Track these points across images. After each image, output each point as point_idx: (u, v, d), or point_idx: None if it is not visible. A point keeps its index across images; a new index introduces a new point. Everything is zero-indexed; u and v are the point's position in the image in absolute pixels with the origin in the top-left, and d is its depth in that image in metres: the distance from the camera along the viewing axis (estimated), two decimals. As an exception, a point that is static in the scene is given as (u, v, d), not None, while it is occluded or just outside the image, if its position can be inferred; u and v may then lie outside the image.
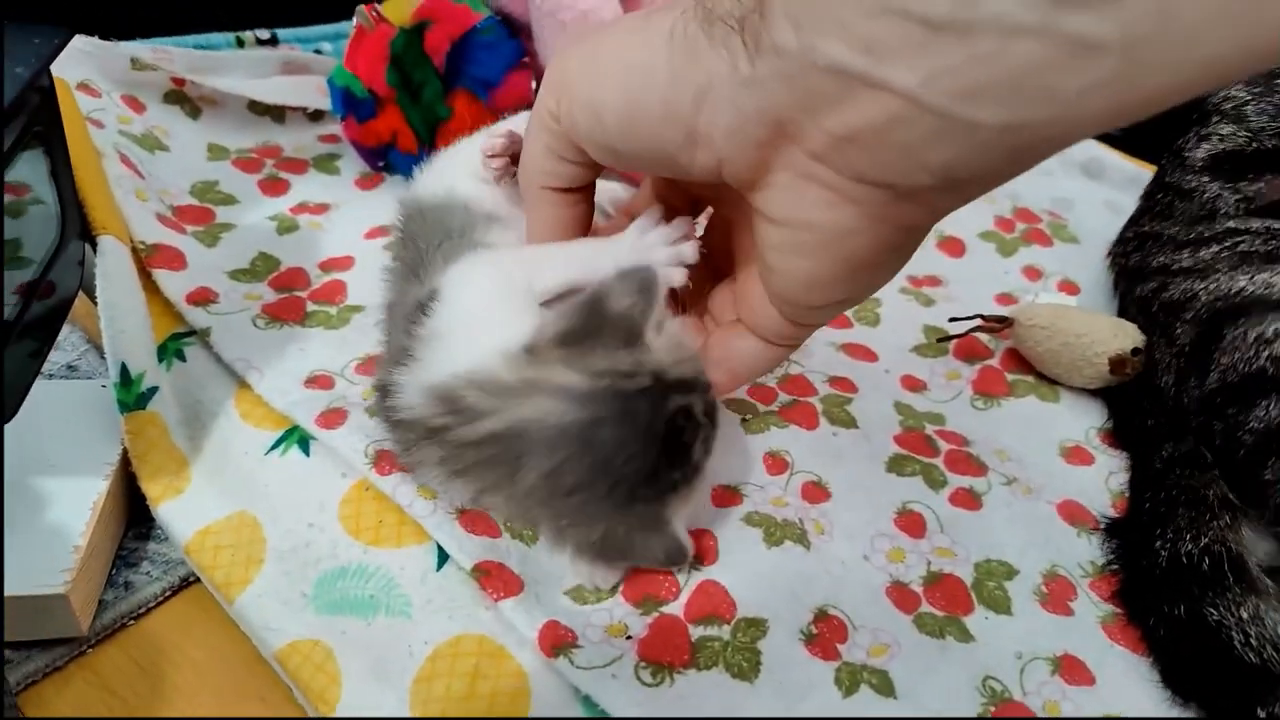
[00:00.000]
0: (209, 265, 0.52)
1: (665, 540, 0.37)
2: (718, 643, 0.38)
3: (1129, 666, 0.41)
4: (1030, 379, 0.57)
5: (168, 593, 0.40)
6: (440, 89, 0.62)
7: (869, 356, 0.57)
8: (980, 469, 0.49)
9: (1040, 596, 0.43)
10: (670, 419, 0.35)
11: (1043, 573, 0.44)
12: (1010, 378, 0.57)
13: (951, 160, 0.27)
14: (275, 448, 0.44)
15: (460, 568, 0.39)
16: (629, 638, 0.38)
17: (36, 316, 0.36)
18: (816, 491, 0.46)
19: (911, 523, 0.45)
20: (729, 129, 0.30)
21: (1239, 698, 0.38)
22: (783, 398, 0.52)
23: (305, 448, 0.44)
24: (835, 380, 0.54)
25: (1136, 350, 0.53)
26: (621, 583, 0.40)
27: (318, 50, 0.73)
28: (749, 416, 0.50)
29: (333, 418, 0.43)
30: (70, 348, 0.50)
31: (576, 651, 0.37)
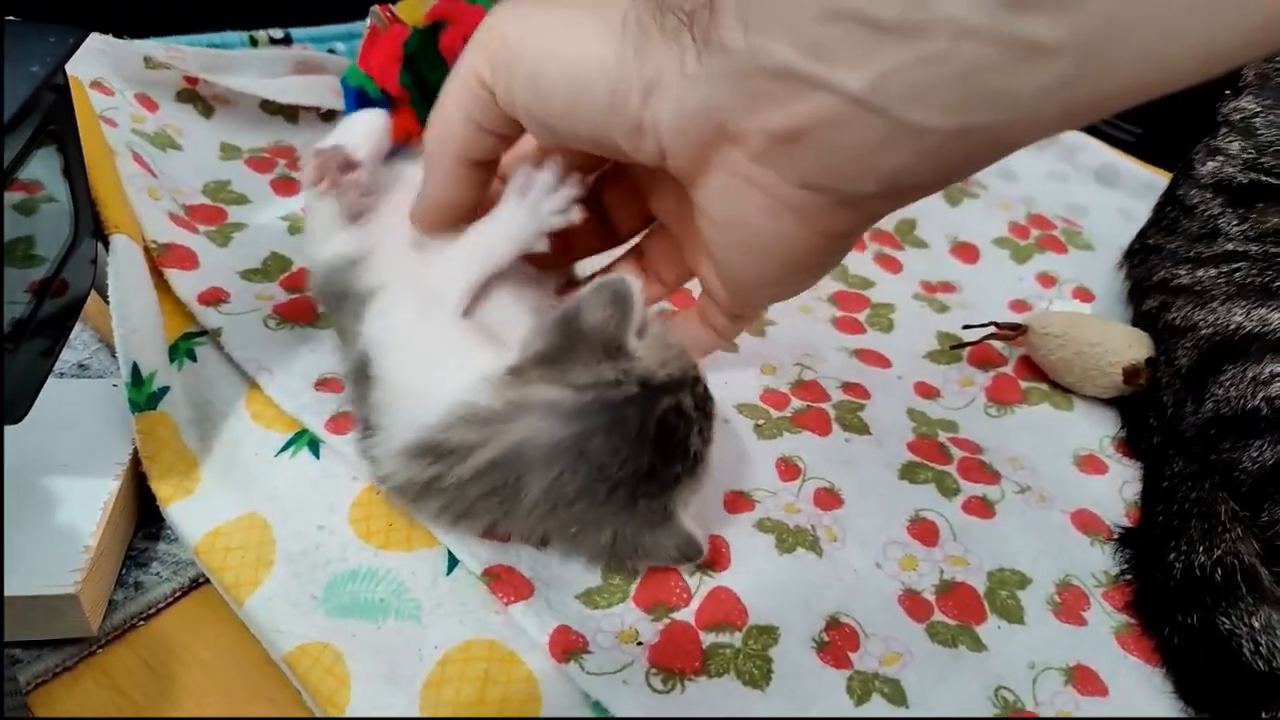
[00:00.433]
0: (221, 265, 0.52)
1: (676, 536, 0.37)
2: (729, 650, 0.38)
3: (1142, 678, 0.41)
4: (1044, 387, 0.56)
5: (178, 593, 0.40)
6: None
7: (882, 363, 0.57)
8: (993, 477, 0.49)
9: (1053, 606, 0.43)
10: (660, 420, 0.35)
11: (1056, 582, 0.44)
12: (1024, 385, 0.56)
13: (900, 167, 0.27)
14: (285, 449, 0.44)
15: (470, 572, 0.39)
16: (640, 644, 0.37)
17: (49, 315, 0.36)
18: (829, 498, 0.46)
19: (924, 530, 0.45)
20: (673, 125, 0.30)
21: (1245, 705, 0.39)
22: (795, 403, 0.51)
23: (315, 450, 0.44)
24: (848, 386, 0.54)
25: (1151, 360, 0.53)
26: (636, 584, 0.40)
27: (331, 50, 0.73)
28: (761, 422, 0.50)
29: (343, 422, 0.43)
30: (81, 346, 0.50)
31: (587, 657, 0.36)
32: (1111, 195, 0.75)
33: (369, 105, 0.61)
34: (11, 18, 0.35)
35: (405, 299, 0.39)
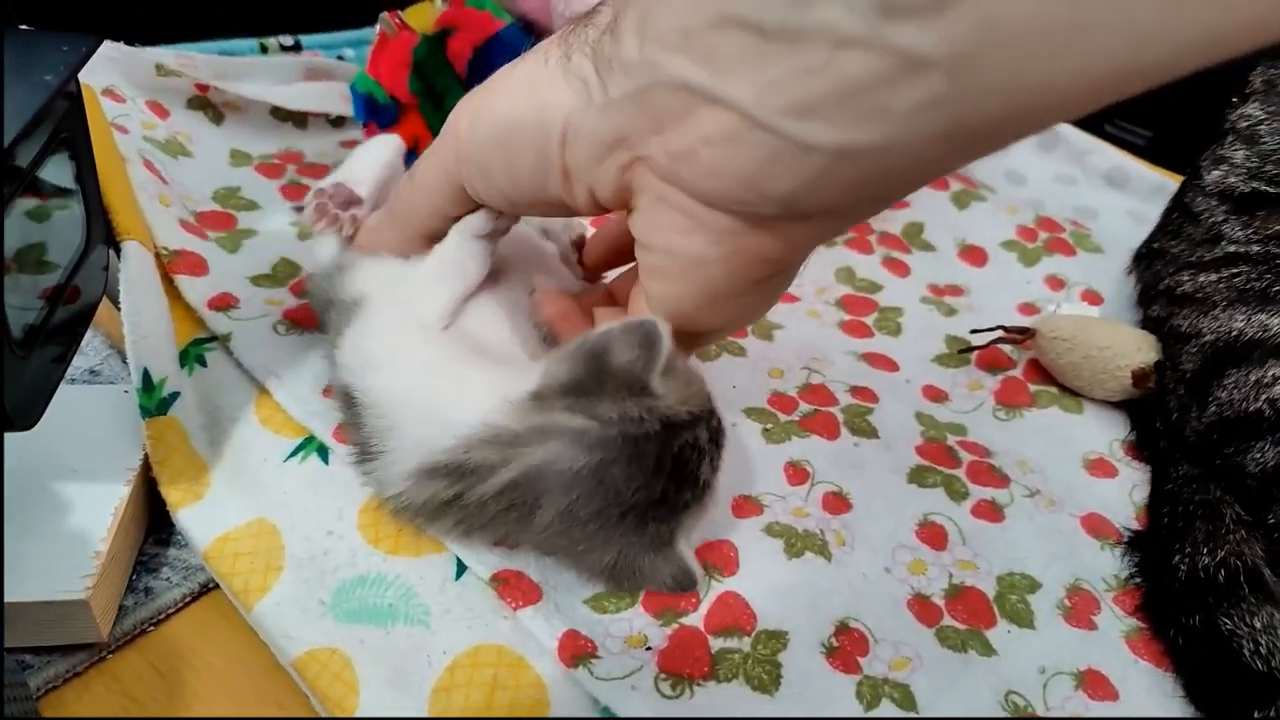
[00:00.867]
0: (231, 271, 0.53)
1: (674, 564, 0.38)
2: (738, 655, 0.38)
3: (1153, 682, 0.40)
4: (1053, 390, 0.56)
5: (188, 599, 0.40)
6: (462, 95, 0.62)
7: (890, 366, 0.56)
8: (1002, 480, 0.49)
9: (1063, 610, 0.43)
10: (677, 454, 0.35)
11: (1066, 586, 0.44)
12: (1033, 388, 0.56)
13: (793, 188, 0.27)
14: (294, 455, 0.44)
15: (479, 577, 0.39)
16: (649, 649, 0.37)
17: (61, 321, 0.37)
18: (837, 502, 0.46)
19: (933, 534, 0.45)
20: (589, 158, 0.31)
21: (1241, 704, 0.39)
22: (804, 407, 0.51)
23: (324, 456, 0.44)
24: (856, 390, 0.53)
25: (1159, 363, 0.53)
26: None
27: (340, 57, 0.73)
28: (769, 426, 0.50)
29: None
30: (93, 352, 0.50)
31: (596, 662, 0.36)
32: (1121, 198, 0.74)
33: (378, 111, 0.62)
34: (25, 26, 0.36)
35: (387, 319, 0.40)
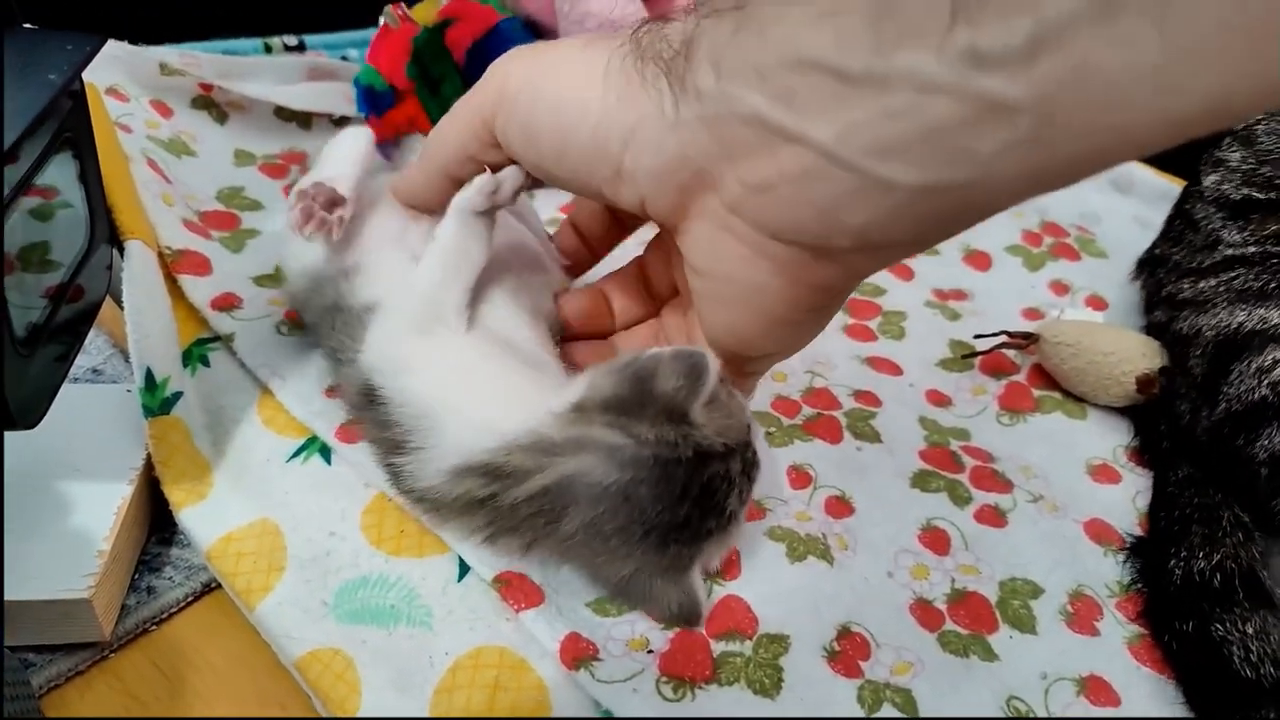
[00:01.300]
0: (234, 271, 0.52)
1: (682, 593, 0.37)
2: (739, 658, 0.38)
3: (1155, 688, 0.40)
4: (1057, 395, 0.56)
5: (190, 598, 0.40)
6: (460, 85, 0.62)
7: (894, 370, 0.56)
8: (1006, 486, 0.49)
9: (1066, 616, 0.43)
10: (706, 483, 0.35)
11: (1068, 592, 0.44)
12: (1037, 394, 0.56)
13: (869, 223, 0.27)
14: (297, 455, 0.44)
15: (481, 579, 0.39)
16: (650, 652, 0.37)
17: (64, 320, 0.37)
18: (840, 506, 0.46)
19: (936, 539, 0.45)
20: (651, 170, 0.31)
21: (1228, 710, 0.39)
22: (807, 411, 0.51)
23: (327, 456, 0.44)
24: (860, 394, 0.53)
25: (1164, 369, 0.53)
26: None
27: (344, 57, 0.73)
28: (773, 430, 0.50)
29: (353, 431, 0.43)
30: (95, 352, 0.50)
31: (597, 665, 0.36)
32: (1126, 203, 0.74)
33: (377, 101, 0.62)
34: (29, 25, 0.36)
35: (407, 321, 0.39)
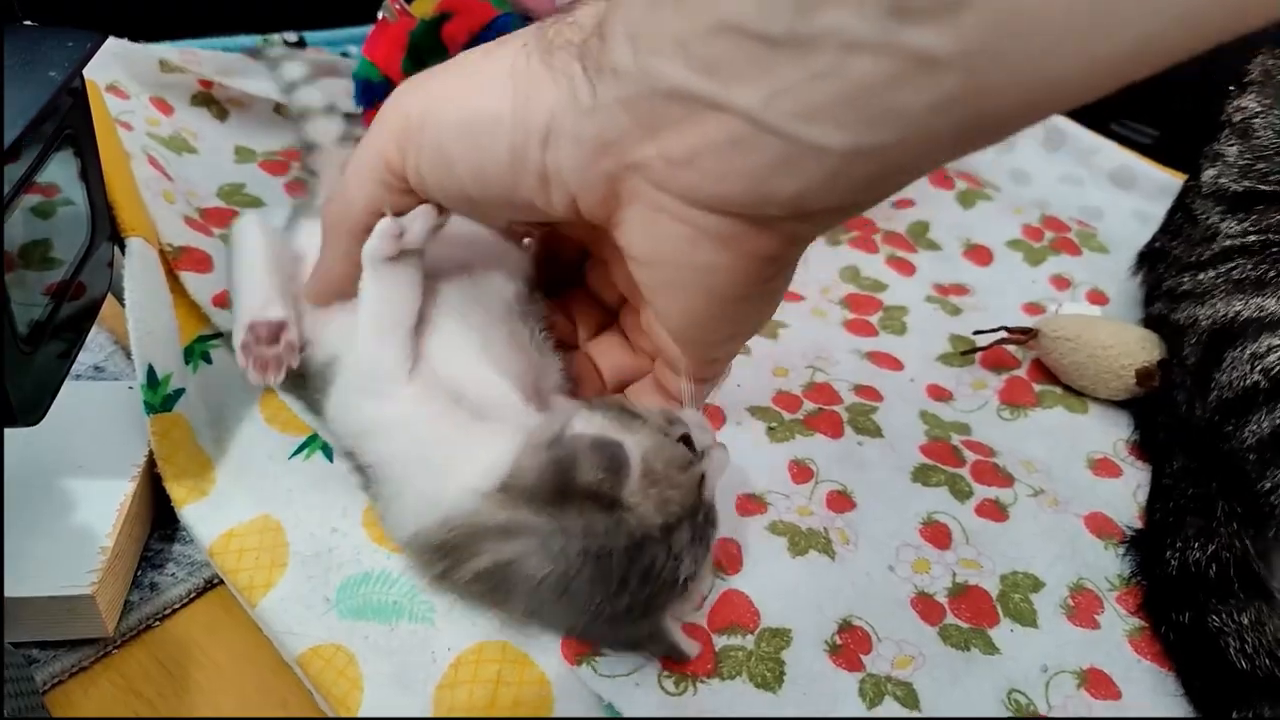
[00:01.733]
0: (235, 267, 0.52)
1: (663, 644, 0.36)
2: (741, 652, 0.38)
3: (1156, 681, 0.40)
4: (1058, 390, 0.56)
5: (192, 594, 0.41)
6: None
7: (895, 365, 0.56)
8: (1007, 480, 0.49)
9: (1066, 609, 0.43)
10: (647, 567, 0.33)
11: (1069, 585, 0.44)
12: (1038, 388, 0.56)
13: (802, 189, 0.26)
14: (299, 452, 0.44)
15: (483, 574, 0.39)
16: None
17: (66, 317, 0.37)
18: (841, 501, 0.46)
19: (937, 533, 0.45)
20: (574, 163, 0.29)
21: (1223, 702, 0.39)
22: (808, 406, 0.51)
23: (328, 453, 0.44)
24: (861, 389, 0.53)
25: (1163, 362, 0.53)
26: None
27: (344, 53, 0.73)
28: (774, 425, 0.50)
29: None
30: (97, 349, 0.50)
31: (600, 659, 0.36)
32: (1127, 198, 0.74)
33: (374, 94, 0.62)
34: (29, 22, 0.36)
35: (353, 386, 0.38)
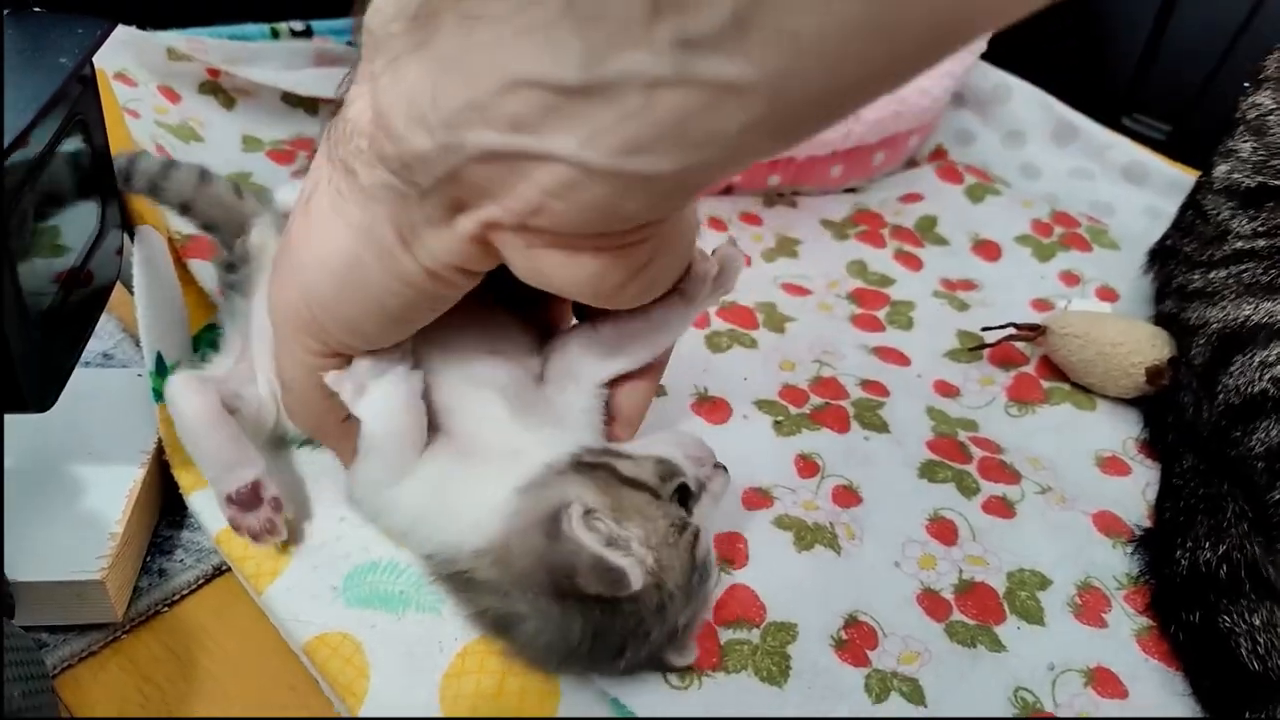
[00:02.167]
0: (243, 256, 0.53)
1: (669, 667, 0.36)
2: (747, 646, 0.38)
3: (1163, 680, 0.40)
4: (1066, 387, 0.56)
5: (201, 580, 0.41)
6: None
7: (902, 361, 0.56)
8: (1014, 477, 0.49)
9: (1073, 608, 0.43)
10: (646, 634, 0.33)
11: (1076, 583, 0.44)
12: (1046, 385, 0.56)
13: (643, 208, 0.26)
14: (308, 441, 0.44)
15: (491, 565, 0.39)
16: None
17: (76, 305, 0.37)
18: (848, 496, 0.46)
19: (943, 530, 0.45)
20: (440, 242, 0.29)
21: (1236, 704, 0.39)
22: (814, 400, 0.51)
23: (337, 440, 0.44)
24: (867, 384, 0.53)
25: (1174, 360, 0.53)
26: None
27: (351, 43, 0.73)
28: (780, 419, 0.50)
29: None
30: (106, 336, 0.50)
31: (606, 652, 0.36)
32: (1139, 194, 0.74)
33: None
34: (38, 9, 0.36)
35: (367, 480, 0.37)
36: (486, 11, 0.24)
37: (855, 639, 0.39)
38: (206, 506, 0.41)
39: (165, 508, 0.43)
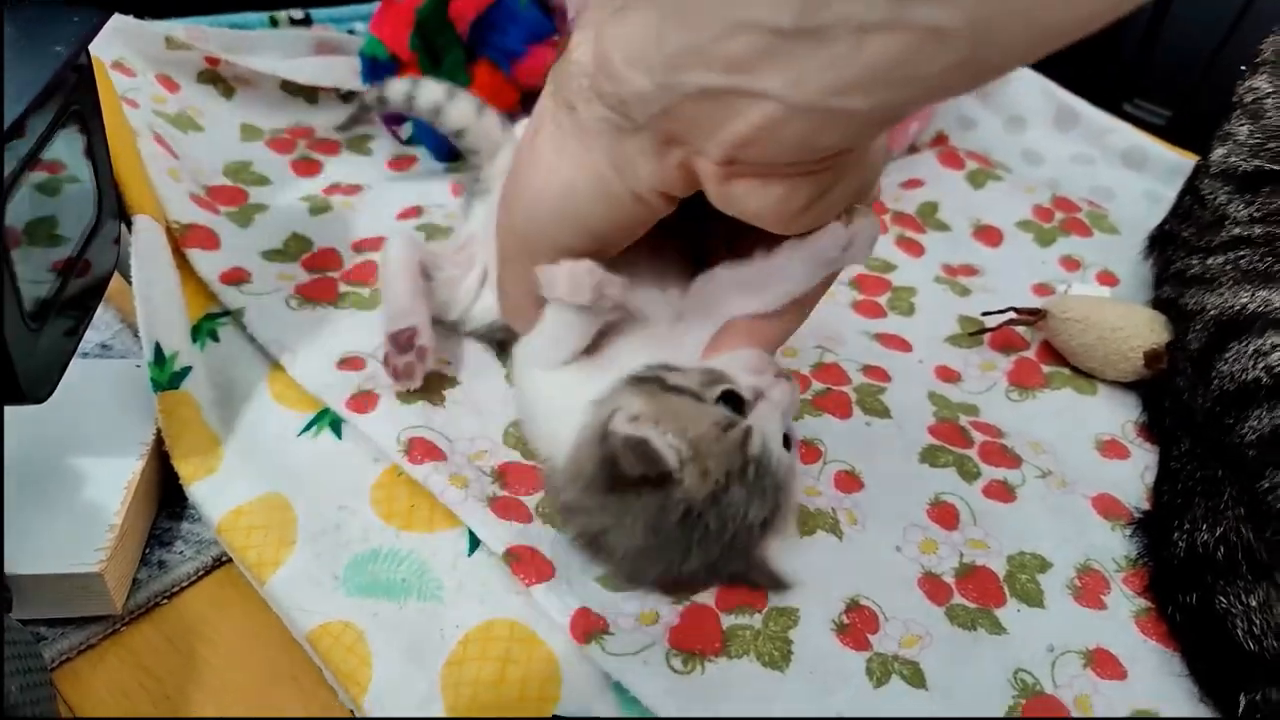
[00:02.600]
0: (242, 246, 0.53)
1: (764, 577, 0.38)
2: (749, 631, 0.38)
3: (1161, 661, 0.40)
4: (1066, 371, 0.56)
5: (200, 572, 0.41)
6: (462, 57, 0.62)
7: (903, 346, 0.56)
8: (1014, 461, 0.49)
9: (1073, 590, 0.43)
10: (710, 528, 0.35)
11: (1076, 566, 0.44)
12: (1046, 370, 0.56)
13: (839, 140, 0.29)
14: (307, 430, 0.44)
15: (492, 552, 0.39)
16: (660, 624, 0.38)
17: (73, 295, 0.37)
18: (849, 481, 0.46)
19: (944, 514, 0.45)
20: (649, 171, 0.32)
21: (1230, 684, 0.39)
22: (816, 386, 0.51)
23: (338, 430, 0.44)
24: (869, 369, 0.53)
25: (1171, 344, 0.53)
26: None
27: (351, 31, 0.73)
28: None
29: (364, 401, 0.44)
30: (104, 326, 0.50)
31: (608, 638, 0.36)
32: (1139, 178, 0.74)
33: (380, 71, 0.62)
34: (34, -2, 0.35)
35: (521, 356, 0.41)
36: None
37: (856, 623, 0.39)
38: (208, 497, 0.41)
39: (165, 499, 0.43)
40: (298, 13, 0.71)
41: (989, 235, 0.68)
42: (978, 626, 0.40)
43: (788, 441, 0.37)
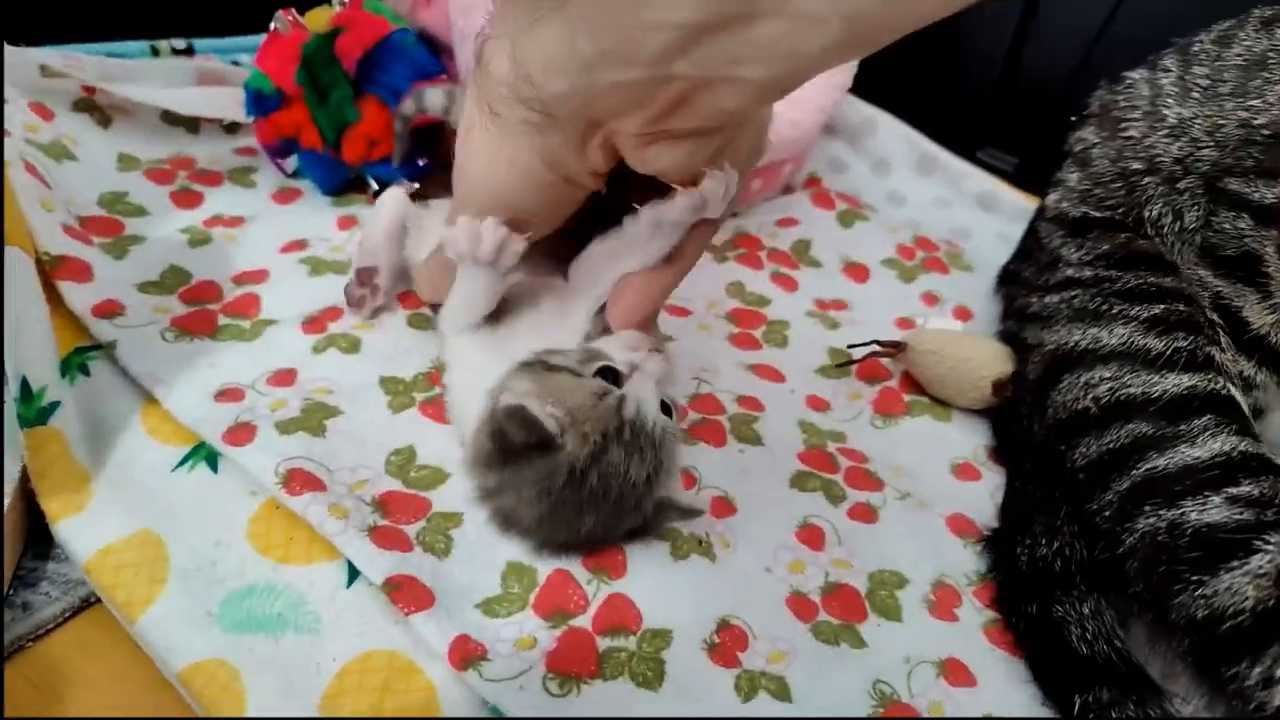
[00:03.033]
0: (117, 278, 0.51)
1: (677, 513, 0.44)
2: (624, 653, 0.40)
3: (1008, 668, 0.44)
4: (925, 400, 0.60)
5: (67, 614, 0.40)
6: (349, 93, 0.62)
7: (776, 377, 0.59)
8: (877, 484, 0.52)
9: (928, 604, 0.46)
10: (595, 487, 0.39)
11: (931, 582, 0.47)
12: (907, 398, 0.60)
13: (738, 106, 0.34)
14: (182, 464, 0.43)
15: (371, 583, 0.39)
16: (537, 649, 0.39)
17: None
18: (723, 506, 0.48)
19: (812, 535, 0.48)
20: (573, 156, 0.37)
21: (1066, 688, 0.42)
22: (692, 416, 0.54)
23: (213, 464, 0.43)
24: (743, 400, 0.56)
25: (1017, 374, 0.57)
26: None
27: (235, 62, 0.72)
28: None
29: (241, 434, 0.43)
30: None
31: (486, 664, 0.37)
32: (992, 220, 0.80)
33: (264, 104, 0.61)
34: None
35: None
36: None
37: (726, 642, 0.41)
38: (75, 535, 0.40)
39: (31, 538, 0.41)
40: (180, 42, 0.71)
41: (857, 272, 0.72)
42: (840, 641, 0.43)
43: (668, 409, 0.41)
